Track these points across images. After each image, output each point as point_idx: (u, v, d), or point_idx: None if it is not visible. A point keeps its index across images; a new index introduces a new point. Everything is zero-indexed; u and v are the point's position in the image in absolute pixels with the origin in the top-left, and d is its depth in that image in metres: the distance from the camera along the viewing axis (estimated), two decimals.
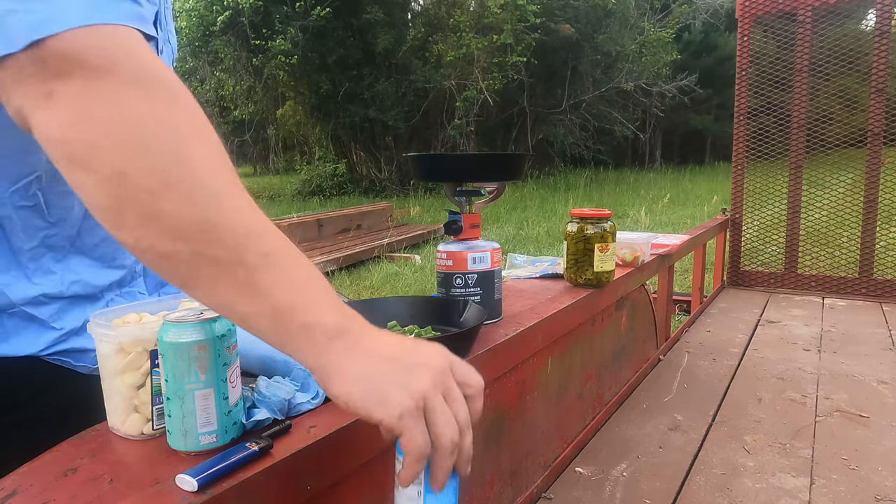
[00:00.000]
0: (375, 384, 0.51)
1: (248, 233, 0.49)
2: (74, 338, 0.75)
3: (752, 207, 3.22)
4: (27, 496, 0.54)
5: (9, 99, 0.47)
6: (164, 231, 0.47)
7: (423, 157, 1.15)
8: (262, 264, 0.49)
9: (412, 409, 0.50)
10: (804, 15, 2.94)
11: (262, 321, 0.50)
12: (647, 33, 15.34)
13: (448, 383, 0.53)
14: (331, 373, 0.51)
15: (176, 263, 0.48)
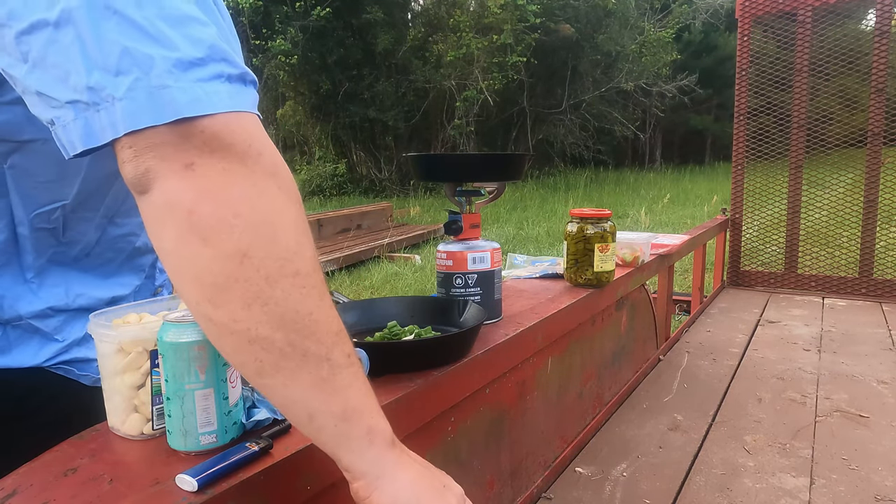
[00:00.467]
0: (420, 496, 0.54)
1: (339, 331, 0.51)
2: (77, 348, 0.76)
3: (752, 207, 3.22)
4: (27, 496, 0.54)
5: (135, 160, 0.48)
6: (267, 317, 0.47)
7: (423, 157, 1.15)
8: (345, 364, 0.51)
9: None
10: (804, 15, 2.94)
11: (329, 420, 0.51)
12: (647, 33, 15.34)
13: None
14: (382, 481, 0.53)
15: (265, 350, 0.48)
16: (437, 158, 1.21)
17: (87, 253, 0.76)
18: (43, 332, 0.74)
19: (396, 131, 13.89)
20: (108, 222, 0.76)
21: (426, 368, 0.85)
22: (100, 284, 0.78)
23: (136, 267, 0.83)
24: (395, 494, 0.52)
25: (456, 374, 0.89)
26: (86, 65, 0.47)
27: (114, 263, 0.79)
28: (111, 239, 0.78)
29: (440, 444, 0.92)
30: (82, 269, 0.77)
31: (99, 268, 0.78)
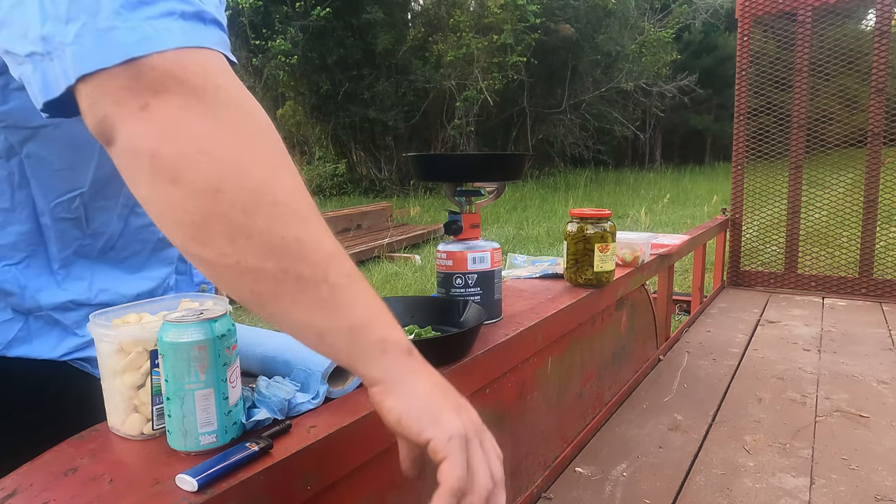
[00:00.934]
0: (433, 404, 0.53)
1: (333, 252, 0.52)
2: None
3: (752, 207, 3.22)
4: (27, 496, 0.54)
5: (92, 108, 0.47)
6: (253, 248, 0.48)
7: (423, 157, 1.15)
8: (344, 283, 0.51)
9: (462, 434, 0.52)
10: (804, 15, 2.94)
11: (340, 337, 0.51)
12: (647, 33, 15.34)
13: (484, 437, 0.55)
14: (397, 386, 0.52)
15: (260, 280, 0.48)
16: (437, 158, 1.21)
17: (112, 245, 0.76)
18: (63, 325, 0.75)
19: (396, 131, 13.89)
20: (129, 212, 0.76)
21: None
22: (126, 279, 0.79)
23: (163, 259, 0.83)
24: (407, 399, 0.52)
25: (456, 374, 0.89)
26: (41, 16, 0.47)
27: (140, 256, 0.80)
28: (135, 230, 0.78)
29: None
30: (109, 263, 0.77)
31: (126, 261, 0.79)
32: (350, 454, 0.70)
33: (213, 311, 0.62)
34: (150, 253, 0.81)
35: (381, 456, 0.76)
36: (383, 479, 0.79)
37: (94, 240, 0.75)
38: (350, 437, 0.69)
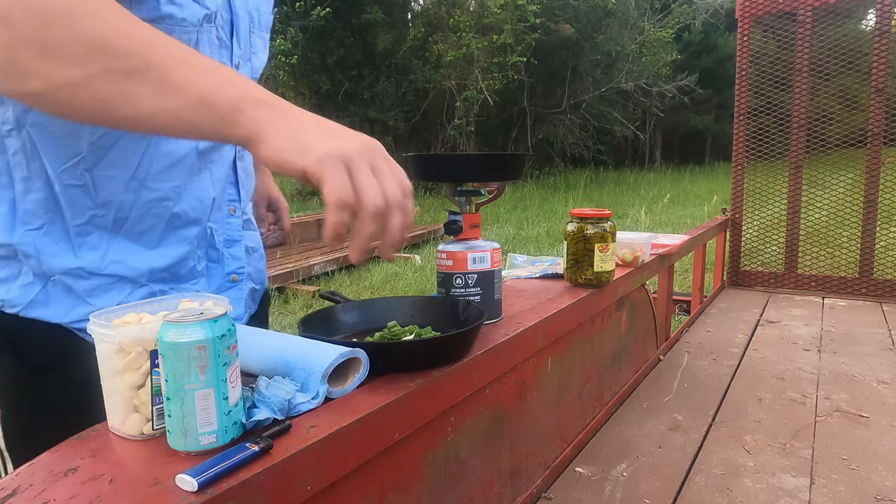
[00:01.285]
0: (303, 138, 0.55)
1: (149, 41, 0.54)
2: None
3: (752, 207, 3.22)
4: (27, 496, 0.54)
5: None
6: (67, 58, 0.50)
7: (423, 157, 1.15)
8: (172, 63, 0.53)
9: (334, 155, 0.54)
10: (804, 15, 2.94)
11: (194, 112, 0.54)
12: (647, 33, 15.33)
13: (377, 161, 0.56)
14: (264, 136, 0.55)
15: (93, 87, 0.51)
16: (437, 158, 1.21)
17: (125, 217, 0.79)
18: (76, 292, 0.78)
19: (396, 131, 13.89)
20: (140, 185, 0.78)
21: (426, 368, 0.85)
22: (141, 253, 0.81)
23: (180, 237, 0.84)
24: (276, 142, 0.54)
25: (456, 374, 0.89)
26: None
27: (156, 231, 0.81)
28: (146, 203, 0.79)
29: (440, 444, 0.92)
30: (126, 237, 0.80)
31: (142, 236, 0.81)
32: (350, 454, 0.70)
33: (213, 311, 0.62)
34: (165, 229, 0.82)
35: (381, 456, 0.76)
36: (383, 479, 0.79)
37: (106, 210, 0.78)
38: (350, 437, 0.69)
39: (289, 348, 0.79)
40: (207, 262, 0.88)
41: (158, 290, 0.83)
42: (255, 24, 0.92)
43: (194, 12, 0.77)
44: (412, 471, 0.86)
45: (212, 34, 0.82)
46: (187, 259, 0.85)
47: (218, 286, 0.90)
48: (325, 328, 0.95)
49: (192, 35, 0.78)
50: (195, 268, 0.86)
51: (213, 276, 0.89)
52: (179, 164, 0.81)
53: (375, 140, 0.58)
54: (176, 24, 0.76)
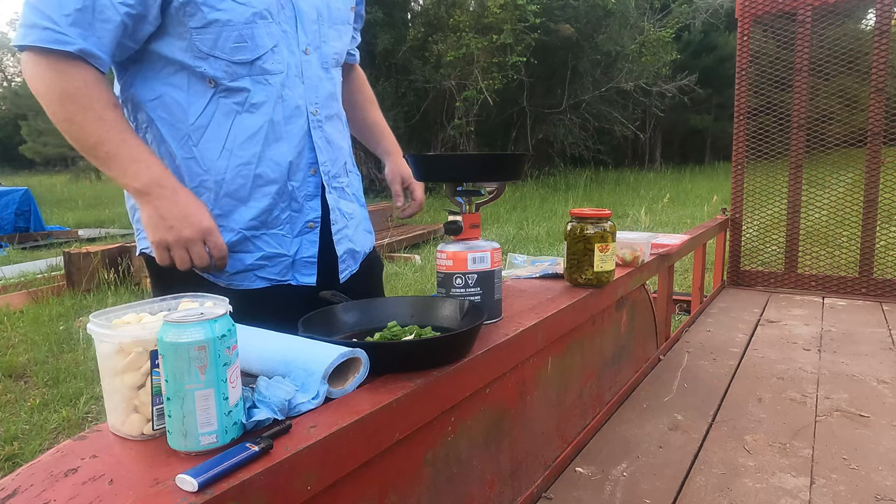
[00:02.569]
0: (154, 223, 0.97)
1: (97, 142, 0.95)
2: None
3: (752, 207, 3.22)
4: (27, 496, 0.54)
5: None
6: (71, 140, 0.96)
7: (423, 157, 1.15)
8: (104, 158, 0.96)
9: (159, 242, 0.97)
10: (804, 15, 2.94)
11: (120, 178, 0.97)
12: (647, 33, 15.33)
13: (191, 244, 0.98)
14: (141, 209, 0.98)
15: (84, 152, 0.97)
16: (437, 158, 1.21)
17: (222, 179, 1.04)
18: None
19: (396, 131, 13.74)
20: (229, 154, 1.03)
21: (426, 368, 0.86)
22: (235, 206, 1.06)
23: (263, 193, 1.06)
24: (144, 219, 0.98)
25: (456, 374, 0.89)
26: None
27: (245, 188, 1.05)
28: (235, 167, 1.04)
29: (440, 444, 0.92)
30: (224, 195, 1.05)
31: (235, 193, 1.05)
32: (350, 454, 0.70)
33: (213, 312, 0.62)
34: (252, 188, 1.06)
35: (381, 456, 0.76)
36: (383, 479, 0.79)
37: (209, 175, 1.04)
38: (350, 437, 0.69)
39: (289, 348, 0.79)
40: (290, 212, 1.10)
41: (251, 235, 1.07)
42: (325, 18, 1.12)
43: (240, 13, 0.98)
44: (412, 471, 0.86)
45: (271, 27, 1.02)
46: (271, 210, 1.07)
47: (298, 231, 1.11)
48: (325, 328, 0.95)
49: (244, 31, 0.99)
50: (279, 216, 1.08)
51: (295, 223, 1.11)
52: (256, 135, 1.04)
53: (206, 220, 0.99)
54: (224, 25, 0.98)
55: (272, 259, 1.09)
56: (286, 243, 1.10)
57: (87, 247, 5.34)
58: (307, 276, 1.12)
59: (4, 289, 4.86)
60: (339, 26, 1.15)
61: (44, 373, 3.13)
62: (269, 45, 1.02)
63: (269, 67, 1.03)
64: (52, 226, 9.20)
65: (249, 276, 1.09)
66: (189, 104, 1.02)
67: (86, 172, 24.27)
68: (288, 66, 1.05)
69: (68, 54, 0.91)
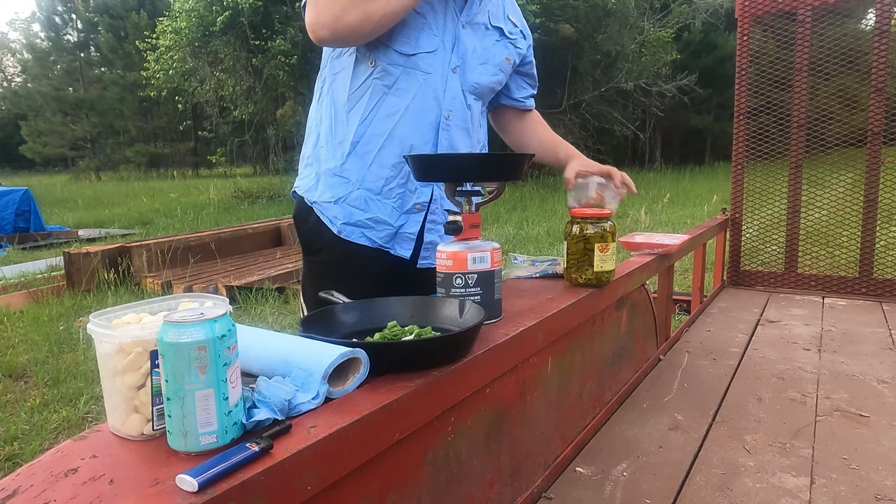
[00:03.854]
0: None
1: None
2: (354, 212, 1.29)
3: (752, 207, 3.22)
4: (27, 496, 0.54)
5: None
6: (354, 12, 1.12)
7: (423, 157, 1.15)
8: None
9: None
10: (804, 14, 2.94)
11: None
12: (647, 33, 15.34)
13: None
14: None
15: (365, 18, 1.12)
16: (437, 158, 1.22)
17: (357, 141, 1.24)
18: (328, 183, 1.29)
19: None
20: (368, 124, 1.24)
21: (426, 368, 0.86)
22: (361, 166, 1.25)
23: (384, 164, 1.24)
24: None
25: (456, 374, 0.89)
26: None
27: (370, 155, 1.24)
28: (369, 137, 1.24)
29: (440, 444, 0.92)
30: (355, 155, 1.26)
31: (364, 155, 1.25)
32: (350, 454, 0.70)
33: (213, 312, 0.62)
34: (378, 154, 1.24)
35: (381, 456, 0.76)
36: (383, 479, 0.79)
37: (349, 135, 1.24)
38: (350, 437, 0.69)
39: (289, 348, 0.79)
40: (405, 190, 1.25)
41: (367, 196, 1.24)
42: (478, 53, 1.30)
43: (413, 17, 1.21)
44: (412, 471, 0.86)
45: (434, 39, 1.24)
46: (389, 181, 1.24)
47: (408, 209, 1.27)
48: (325, 328, 0.95)
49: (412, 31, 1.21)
50: (393, 189, 1.25)
51: (406, 200, 1.26)
52: (394, 114, 1.23)
53: None
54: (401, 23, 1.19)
55: (379, 224, 1.26)
56: (394, 215, 1.26)
57: (87, 247, 5.34)
58: (405, 250, 1.28)
59: (4, 289, 4.87)
60: (489, 66, 1.33)
61: (44, 373, 3.13)
62: (428, 48, 1.23)
63: (422, 66, 1.23)
64: (52, 226, 9.21)
65: (357, 231, 1.26)
66: (353, 78, 1.25)
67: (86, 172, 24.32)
68: (436, 72, 1.24)
69: None
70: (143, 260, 5.12)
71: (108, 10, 27.75)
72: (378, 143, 1.23)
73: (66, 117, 26.95)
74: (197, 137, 26.32)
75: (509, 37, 1.37)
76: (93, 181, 21.86)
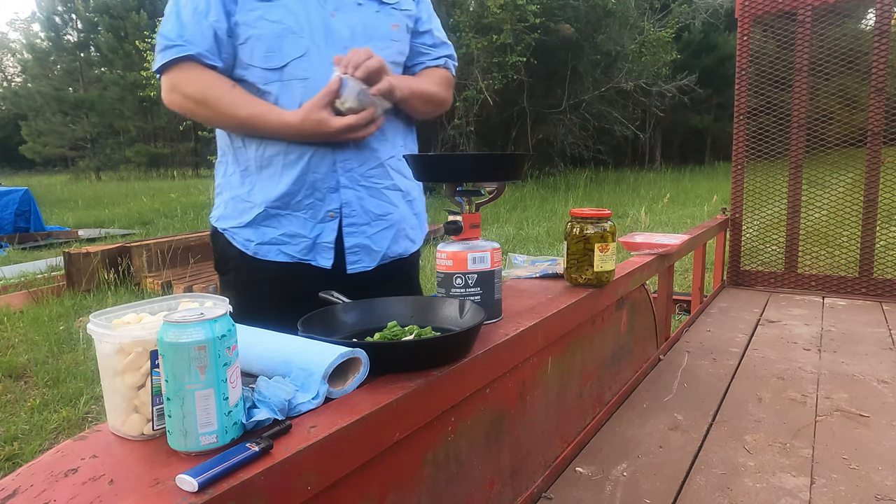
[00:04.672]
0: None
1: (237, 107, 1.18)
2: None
3: (752, 207, 3.22)
4: (27, 496, 0.54)
5: None
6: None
7: (423, 157, 1.15)
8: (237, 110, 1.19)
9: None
10: (804, 14, 2.94)
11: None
12: (647, 33, 15.33)
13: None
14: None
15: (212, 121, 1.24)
16: (437, 158, 1.22)
17: (260, 164, 1.24)
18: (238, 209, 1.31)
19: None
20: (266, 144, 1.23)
21: (426, 368, 0.86)
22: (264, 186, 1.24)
23: (286, 179, 1.22)
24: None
25: (456, 374, 0.89)
26: None
27: (273, 173, 1.22)
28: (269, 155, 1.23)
29: (440, 444, 0.92)
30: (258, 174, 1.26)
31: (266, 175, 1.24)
32: (350, 454, 0.70)
33: (213, 312, 0.62)
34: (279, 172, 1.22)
35: (381, 456, 0.76)
36: (383, 479, 0.79)
37: (251, 161, 1.24)
38: (350, 437, 0.69)
39: (289, 348, 0.79)
40: (314, 200, 1.22)
41: (275, 212, 1.22)
42: (358, 35, 1.23)
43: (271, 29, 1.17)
44: (412, 471, 0.86)
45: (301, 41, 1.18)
46: (295, 194, 1.21)
47: (321, 218, 1.23)
48: (325, 328, 0.95)
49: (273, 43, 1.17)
50: (302, 202, 1.22)
51: (318, 210, 1.23)
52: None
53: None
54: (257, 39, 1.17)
55: (294, 237, 1.23)
56: (308, 226, 1.23)
57: (87, 247, 5.34)
58: (325, 259, 1.24)
59: (4, 289, 4.86)
60: (375, 42, 1.24)
61: (44, 373, 3.13)
62: (297, 54, 1.17)
63: (298, 73, 1.18)
64: (52, 226, 9.21)
65: (273, 249, 1.23)
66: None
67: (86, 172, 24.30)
68: (316, 74, 1.17)
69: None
70: (143, 260, 5.12)
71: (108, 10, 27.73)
72: (279, 162, 1.21)
73: (66, 117, 26.94)
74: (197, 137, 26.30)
75: (388, 2, 1.28)
76: (93, 181, 21.86)
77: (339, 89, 1.13)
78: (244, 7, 1.16)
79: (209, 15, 1.16)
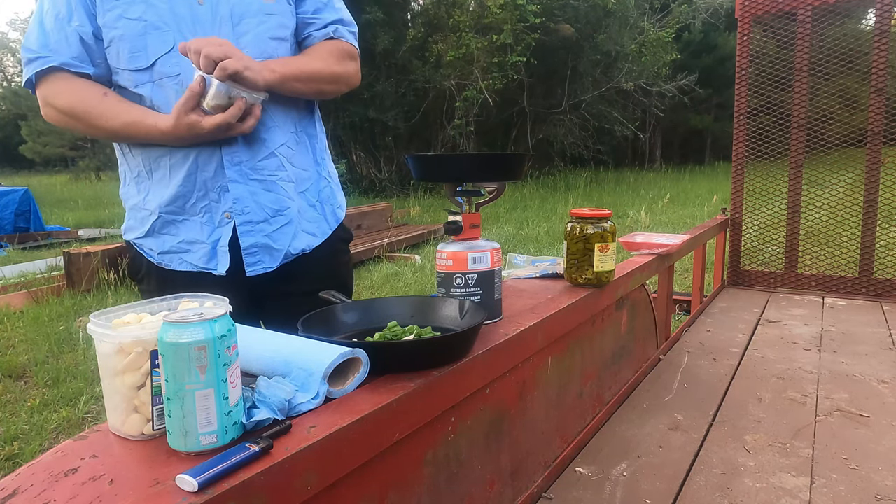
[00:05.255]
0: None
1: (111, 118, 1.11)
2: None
3: (752, 207, 3.22)
4: (27, 496, 0.54)
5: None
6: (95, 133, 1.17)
7: (423, 157, 1.15)
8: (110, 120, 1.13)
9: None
10: (804, 14, 2.94)
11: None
12: (647, 33, 15.33)
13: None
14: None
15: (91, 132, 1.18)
16: (437, 158, 1.21)
17: (149, 168, 1.19)
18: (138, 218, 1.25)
19: (396, 131, 13.88)
20: (150, 148, 1.17)
21: (426, 368, 0.86)
22: (156, 191, 1.19)
23: (175, 181, 1.16)
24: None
25: (456, 374, 0.89)
26: None
27: (162, 176, 1.17)
28: (155, 158, 1.18)
29: (440, 444, 0.92)
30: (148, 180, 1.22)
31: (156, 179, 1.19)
32: (350, 454, 0.70)
33: (213, 312, 0.62)
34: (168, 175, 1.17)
35: (381, 456, 0.76)
36: (383, 479, 0.79)
37: (140, 166, 1.18)
38: (350, 437, 0.69)
39: (289, 348, 0.79)
40: (208, 202, 1.15)
41: (171, 218, 1.17)
42: (226, 18, 1.13)
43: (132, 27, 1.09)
44: (412, 471, 0.86)
45: (166, 36, 1.09)
46: (187, 196, 1.15)
47: (219, 222, 1.16)
48: (325, 328, 0.95)
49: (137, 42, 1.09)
50: (196, 205, 1.15)
51: (214, 213, 1.16)
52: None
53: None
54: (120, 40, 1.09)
55: (193, 244, 1.17)
56: (205, 231, 1.16)
57: (87, 247, 5.34)
58: (223, 266, 1.16)
59: (4, 289, 4.86)
60: (250, 19, 1.15)
61: (44, 373, 3.13)
62: (164, 50, 1.09)
63: (168, 70, 1.10)
64: (52, 226, 9.20)
65: (176, 258, 1.18)
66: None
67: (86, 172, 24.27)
68: (187, 69, 1.08)
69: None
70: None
71: None
72: (166, 164, 1.14)
73: None
74: None
75: None
76: (93, 181, 21.86)
77: (204, 88, 1.04)
78: (102, 7, 1.08)
79: (72, 20, 1.08)
